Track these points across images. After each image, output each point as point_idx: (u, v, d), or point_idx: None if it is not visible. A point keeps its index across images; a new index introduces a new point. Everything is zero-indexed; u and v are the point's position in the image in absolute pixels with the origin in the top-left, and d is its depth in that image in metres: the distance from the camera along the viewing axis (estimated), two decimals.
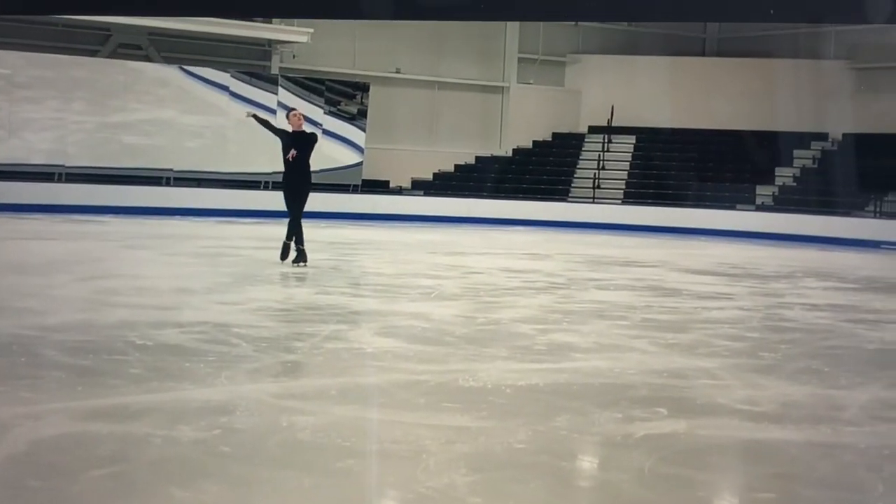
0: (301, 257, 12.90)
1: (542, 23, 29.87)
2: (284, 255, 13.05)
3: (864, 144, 26.48)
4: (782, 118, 27.98)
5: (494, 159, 29.49)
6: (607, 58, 30.44)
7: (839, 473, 4.97)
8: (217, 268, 12.87)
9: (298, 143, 12.85)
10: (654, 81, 29.68)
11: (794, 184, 27.27)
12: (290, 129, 13.05)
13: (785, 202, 26.40)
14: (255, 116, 13.70)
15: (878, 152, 25.28)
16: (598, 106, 30.04)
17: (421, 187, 28.06)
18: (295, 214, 13.00)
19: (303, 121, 13.24)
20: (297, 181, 12.99)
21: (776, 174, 27.62)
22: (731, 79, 29.30)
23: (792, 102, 28.13)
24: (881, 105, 27.47)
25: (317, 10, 5.95)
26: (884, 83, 28.00)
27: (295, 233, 12.99)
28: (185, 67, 25.15)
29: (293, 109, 13.63)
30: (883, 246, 22.57)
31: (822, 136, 28.29)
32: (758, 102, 28.51)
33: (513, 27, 29.82)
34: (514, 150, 29.94)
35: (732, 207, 26.49)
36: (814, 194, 25.78)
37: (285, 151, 12.86)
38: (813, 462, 5.12)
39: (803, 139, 28.17)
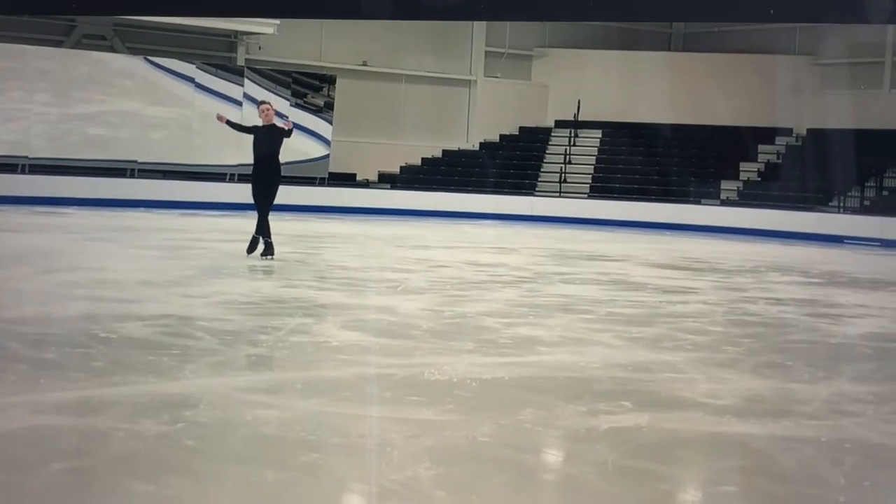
0: (268, 250, 12.88)
1: None
2: (252, 249, 13.02)
3: (828, 140, 26.70)
4: (747, 113, 28.17)
5: (461, 153, 29.51)
6: (574, 52, 30.52)
7: (801, 467, 5.01)
8: (181, 260, 12.80)
9: (269, 137, 12.81)
10: (621, 76, 29.79)
11: (759, 179, 27.46)
12: (260, 122, 13.00)
13: (749, 197, 26.58)
14: (227, 122, 13.58)
15: (842, 148, 25.48)
16: (564, 100, 30.10)
17: (388, 180, 28.04)
18: (264, 208, 12.96)
19: (273, 114, 13.16)
20: (266, 175, 12.95)
21: (741, 169, 27.80)
22: (697, 74, 29.46)
23: (757, 97, 28.34)
24: (845, 100, 27.70)
25: (317, 10, 5.92)
26: (848, 79, 28.22)
27: (263, 226, 12.96)
28: (151, 59, 24.99)
29: (264, 102, 13.50)
30: (846, 241, 22.78)
31: (786, 132, 28.51)
32: (723, 97, 28.67)
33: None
34: (480, 143, 29.96)
35: (697, 202, 26.65)
36: (778, 189, 25.98)
37: (258, 146, 12.84)
38: (775, 456, 5.15)
39: (768, 134, 28.38)
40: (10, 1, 4.80)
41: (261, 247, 12.93)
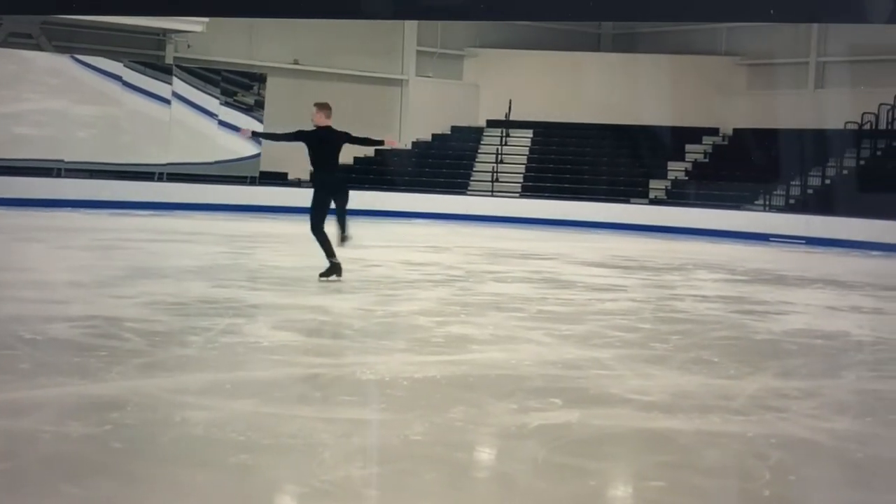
0: (334, 270, 11.20)
1: None
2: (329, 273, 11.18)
3: (754, 139, 27.13)
4: (675, 113, 28.50)
5: (394, 152, 29.47)
6: (505, 52, 30.64)
7: (727, 461, 5.09)
8: (109, 261, 12.63)
9: (324, 141, 11.19)
10: (551, 76, 29.98)
11: (686, 178, 27.79)
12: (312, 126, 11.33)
13: (677, 196, 26.89)
14: (254, 133, 12.60)
15: (768, 147, 25.91)
16: (496, 100, 30.21)
17: None
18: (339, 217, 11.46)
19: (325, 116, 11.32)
20: (332, 181, 11.33)
21: (669, 168, 28.12)
22: (625, 74, 29.72)
23: (684, 97, 28.68)
24: (771, 100, 28.16)
25: (317, 10, 5.88)
26: (773, 79, 28.69)
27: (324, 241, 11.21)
28: (77, 57, 24.62)
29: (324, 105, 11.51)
30: (772, 239, 23.14)
31: (713, 131, 28.89)
32: (651, 97, 28.95)
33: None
34: (413, 143, 29.96)
35: (626, 201, 26.90)
36: (705, 188, 26.32)
37: (317, 154, 11.20)
38: (702, 450, 5.23)
39: (695, 134, 28.74)
40: (10, 1, 4.75)
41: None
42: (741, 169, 26.44)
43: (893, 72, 26.05)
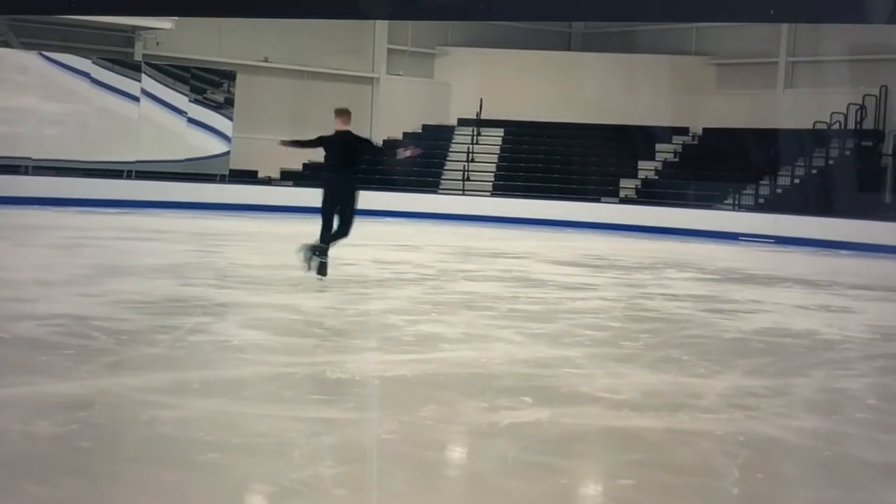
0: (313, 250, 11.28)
1: None
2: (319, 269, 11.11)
3: (723, 139, 27.26)
4: (645, 112, 28.59)
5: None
6: (476, 51, 30.64)
7: (697, 459, 5.11)
8: (77, 259, 12.54)
9: (338, 144, 11.65)
10: (522, 75, 30.01)
11: (656, 177, 27.89)
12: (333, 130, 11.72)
13: (647, 195, 26.98)
14: (284, 143, 12.80)
15: (738, 147, 26.05)
16: (467, 98, 30.21)
17: (290, 178, 27.81)
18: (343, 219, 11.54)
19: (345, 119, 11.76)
20: (340, 180, 11.58)
21: (639, 168, 28.22)
22: (596, 73, 29.77)
23: (654, 97, 28.78)
24: (740, 100, 28.31)
25: (316, 10, 5.85)
26: (743, 78, 28.85)
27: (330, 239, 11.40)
28: (45, 54, 24.41)
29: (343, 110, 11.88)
30: (741, 238, 23.26)
31: (683, 131, 29.01)
32: (621, 96, 29.06)
33: None
34: (384, 141, 29.90)
35: (597, 200, 26.97)
36: (675, 187, 26.42)
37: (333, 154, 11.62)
38: (671, 449, 5.25)
39: (665, 133, 28.85)
40: (10, 1, 4.72)
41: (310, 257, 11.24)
42: (711, 168, 26.56)
43: (862, 72, 26.23)
